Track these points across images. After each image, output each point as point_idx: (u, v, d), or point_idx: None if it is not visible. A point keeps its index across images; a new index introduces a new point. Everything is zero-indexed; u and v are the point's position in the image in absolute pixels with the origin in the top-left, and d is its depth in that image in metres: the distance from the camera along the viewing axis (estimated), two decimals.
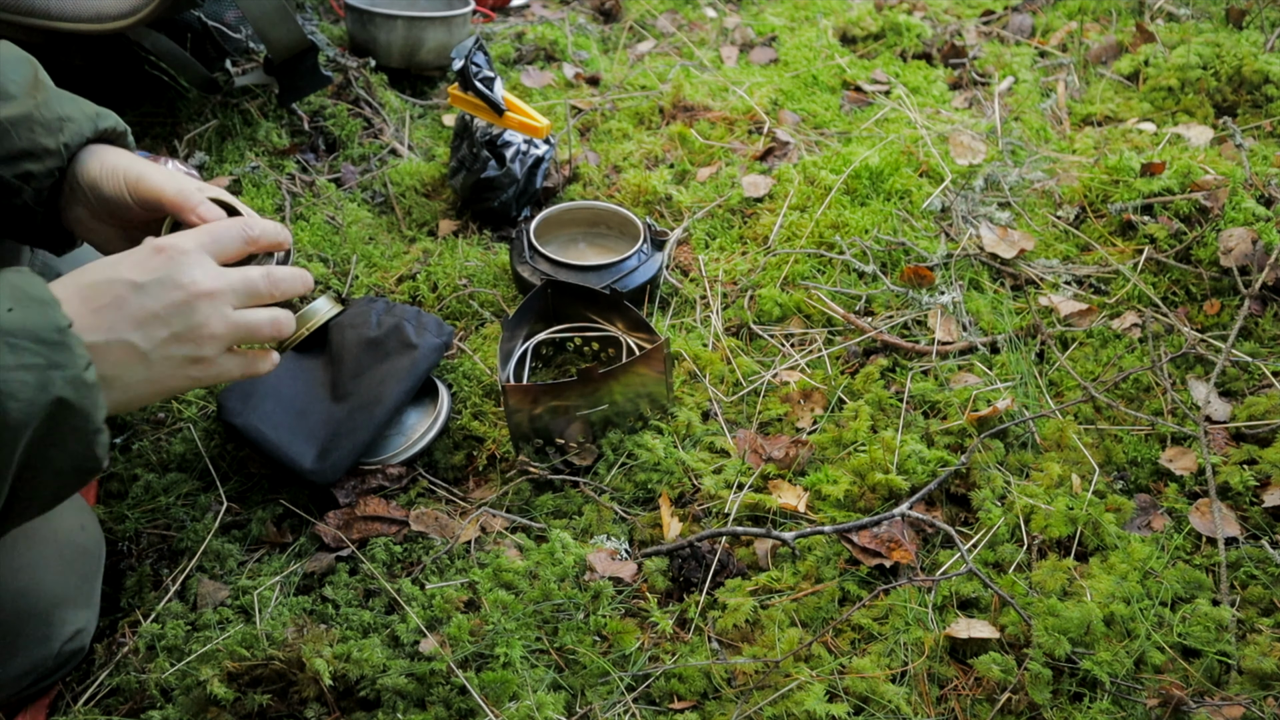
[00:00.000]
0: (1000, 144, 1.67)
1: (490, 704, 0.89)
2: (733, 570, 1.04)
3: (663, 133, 1.82)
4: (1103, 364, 1.27)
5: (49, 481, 0.63)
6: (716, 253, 1.52)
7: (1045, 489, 1.11)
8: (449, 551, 1.07)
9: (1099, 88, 1.87)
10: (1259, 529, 1.06)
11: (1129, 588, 0.98)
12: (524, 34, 2.19)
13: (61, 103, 0.87)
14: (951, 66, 2.03)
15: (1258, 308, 1.29)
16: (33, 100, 0.85)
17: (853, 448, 1.17)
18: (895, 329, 1.34)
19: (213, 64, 1.62)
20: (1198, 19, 2.00)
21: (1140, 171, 1.47)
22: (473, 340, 1.37)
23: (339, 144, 1.74)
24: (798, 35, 2.19)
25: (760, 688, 0.92)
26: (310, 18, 2.04)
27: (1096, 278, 1.39)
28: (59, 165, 0.85)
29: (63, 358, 0.61)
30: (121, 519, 1.11)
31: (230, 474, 1.17)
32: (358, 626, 0.98)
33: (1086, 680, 0.92)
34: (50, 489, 0.64)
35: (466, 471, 1.20)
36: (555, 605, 0.98)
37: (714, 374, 1.29)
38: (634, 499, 1.13)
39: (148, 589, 1.05)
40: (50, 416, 0.60)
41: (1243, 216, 1.34)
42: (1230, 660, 0.93)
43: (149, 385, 0.70)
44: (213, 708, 0.90)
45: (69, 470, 0.64)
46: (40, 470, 0.61)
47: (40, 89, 0.86)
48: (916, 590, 1.00)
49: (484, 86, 1.51)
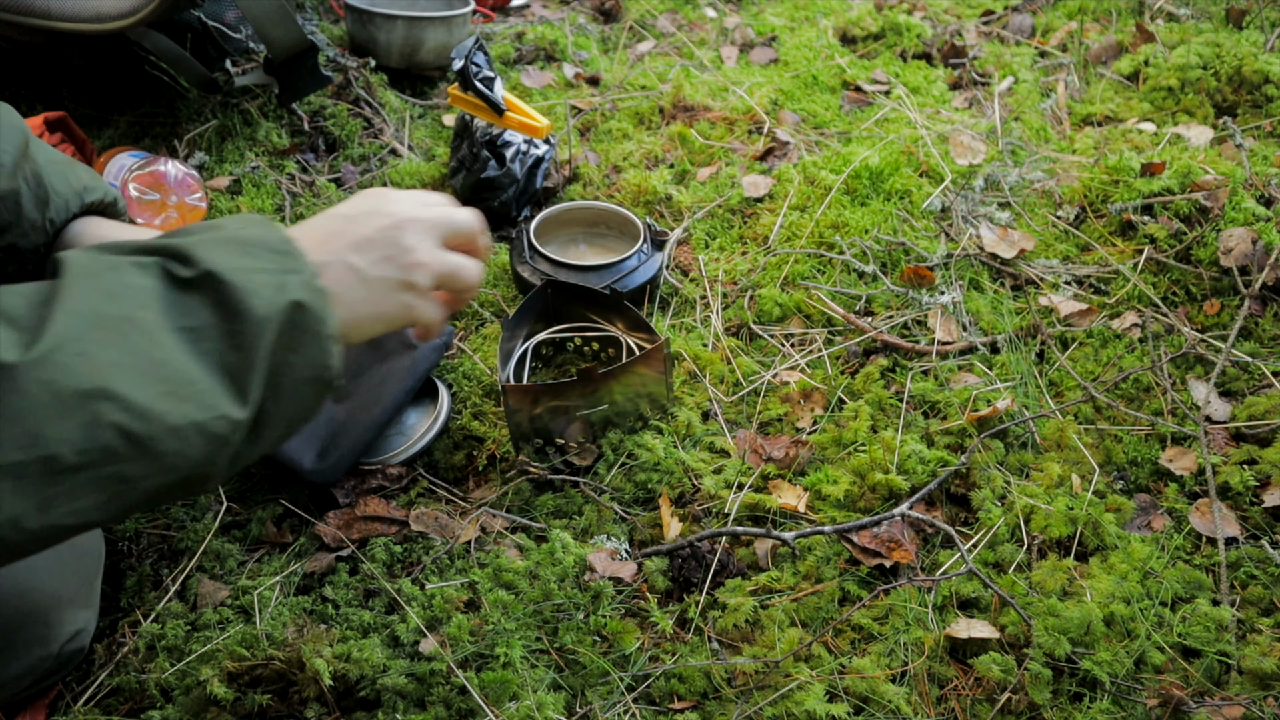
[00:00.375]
0: (1000, 144, 1.67)
1: (490, 704, 0.89)
2: (733, 570, 1.04)
3: (663, 133, 1.82)
4: (1103, 364, 1.27)
5: (292, 391, 0.64)
6: (716, 253, 1.52)
7: (1045, 489, 1.11)
8: (449, 551, 1.07)
9: (1099, 88, 1.87)
10: (1259, 529, 1.06)
11: (1129, 588, 0.98)
12: (524, 34, 2.19)
13: (51, 175, 0.87)
14: (951, 66, 2.03)
15: (1258, 308, 1.29)
16: (21, 174, 0.85)
17: (853, 448, 1.17)
18: (895, 329, 1.34)
19: (213, 64, 1.62)
20: (1198, 19, 2.00)
21: (1140, 171, 1.47)
22: (473, 340, 1.37)
23: (339, 144, 1.74)
24: (798, 35, 2.20)
25: (760, 688, 0.92)
26: (310, 18, 2.04)
27: (1096, 278, 1.39)
28: (44, 240, 0.85)
29: (293, 265, 0.65)
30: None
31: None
32: (358, 626, 0.98)
33: (1086, 680, 0.92)
34: (293, 401, 0.65)
35: (466, 471, 1.20)
36: (555, 605, 0.98)
37: (714, 374, 1.29)
38: (634, 499, 1.13)
39: (148, 589, 1.05)
40: (288, 319, 0.63)
41: (1243, 216, 1.34)
42: (1230, 660, 0.93)
43: (368, 305, 0.73)
44: (213, 708, 0.90)
45: (308, 380, 0.65)
46: (284, 378, 0.63)
47: (29, 160, 0.86)
48: (916, 590, 1.00)
49: (484, 86, 1.51)
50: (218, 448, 0.61)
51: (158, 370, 0.58)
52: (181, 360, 0.59)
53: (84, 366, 0.56)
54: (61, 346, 0.55)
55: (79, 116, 1.65)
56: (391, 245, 0.74)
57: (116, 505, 0.58)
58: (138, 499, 0.58)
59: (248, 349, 0.61)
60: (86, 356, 0.56)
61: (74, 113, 1.57)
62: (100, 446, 0.56)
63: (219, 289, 0.61)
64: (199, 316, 0.60)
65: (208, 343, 0.60)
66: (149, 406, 0.57)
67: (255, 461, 0.65)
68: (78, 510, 0.56)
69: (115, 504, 0.58)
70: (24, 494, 0.54)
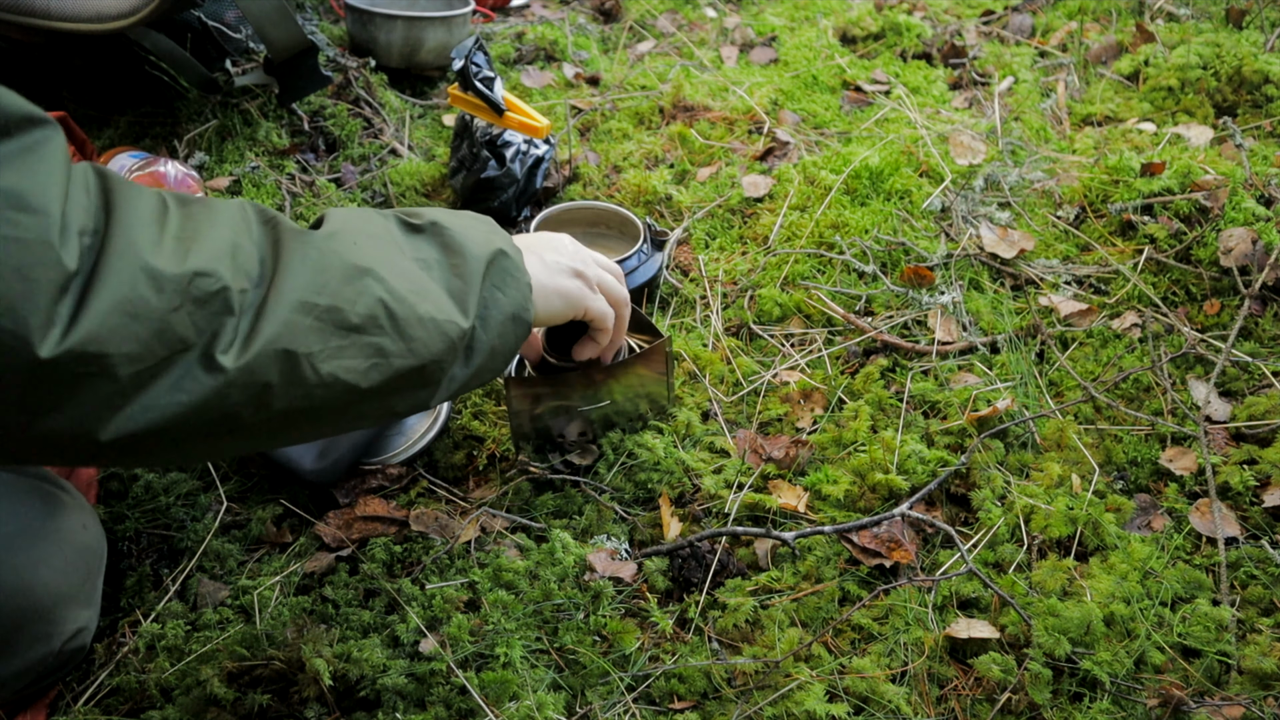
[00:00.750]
0: (1000, 144, 1.67)
1: (490, 704, 0.90)
2: (733, 570, 1.04)
3: (663, 133, 1.82)
4: (1103, 364, 1.27)
5: (498, 324, 0.78)
6: (716, 253, 1.52)
7: (1045, 489, 1.11)
8: (449, 551, 1.07)
9: (1099, 88, 1.87)
10: (1259, 529, 1.06)
11: (1129, 588, 0.98)
12: (524, 34, 2.19)
13: None
14: (951, 66, 2.03)
15: (1258, 308, 1.29)
16: None
17: (853, 448, 1.17)
18: (895, 329, 1.34)
19: (213, 64, 1.62)
20: (1198, 19, 2.00)
21: (1140, 171, 1.47)
22: None
23: (339, 144, 1.74)
24: (798, 35, 2.20)
25: (760, 688, 0.92)
26: (310, 18, 2.04)
27: (1096, 278, 1.39)
28: None
29: (496, 229, 0.82)
30: (121, 519, 1.11)
31: (230, 474, 1.17)
32: (358, 626, 0.98)
33: (1086, 680, 0.92)
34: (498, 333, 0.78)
35: (466, 471, 1.20)
36: (555, 605, 0.98)
37: (714, 374, 1.29)
38: (634, 499, 1.13)
39: (148, 589, 1.05)
40: (495, 261, 0.78)
41: (1243, 216, 1.34)
42: (1230, 660, 0.93)
43: (551, 279, 0.89)
44: (213, 708, 0.90)
45: (510, 316, 0.79)
46: (491, 309, 0.78)
47: None
48: (916, 590, 1.00)
49: (484, 86, 1.51)
50: (448, 349, 0.73)
51: (406, 274, 0.72)
52: (421, 276, 0.73)
53: (356, 252, 0.69)
54: (339, 233, 0.70)
55: (79, 116, 1.65)
56: (561, 250, 0.93)
57: (375, 375, 0.69)
58: (389, 377, 0.70)
59: (466, 278, 0.75)
60: (359, 246, 0.70)
61: (74, 113, 1.57)
62: (369, 313, 0.68)
63: (443, 233, 0.77)
64: (428, 253, 0.75)
65: (436, 271, 0.75)
66: (403, 294, 0.70)
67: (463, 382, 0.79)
68: (350, 368, 0.67)
69: (374, 374, 0.69)
70: (320, 335, 0.65)
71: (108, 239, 0.57)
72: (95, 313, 0.55)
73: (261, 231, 0.66)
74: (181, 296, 0.59)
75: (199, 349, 0.60)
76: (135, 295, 0.57)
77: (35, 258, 0.53)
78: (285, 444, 0.73)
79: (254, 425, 0.66)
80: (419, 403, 0.75)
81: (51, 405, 0.56)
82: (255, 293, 0.63)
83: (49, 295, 0.53)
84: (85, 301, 0.55)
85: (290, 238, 0.66)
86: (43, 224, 0.53)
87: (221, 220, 0.64)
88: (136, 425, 0.59)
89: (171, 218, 0.62)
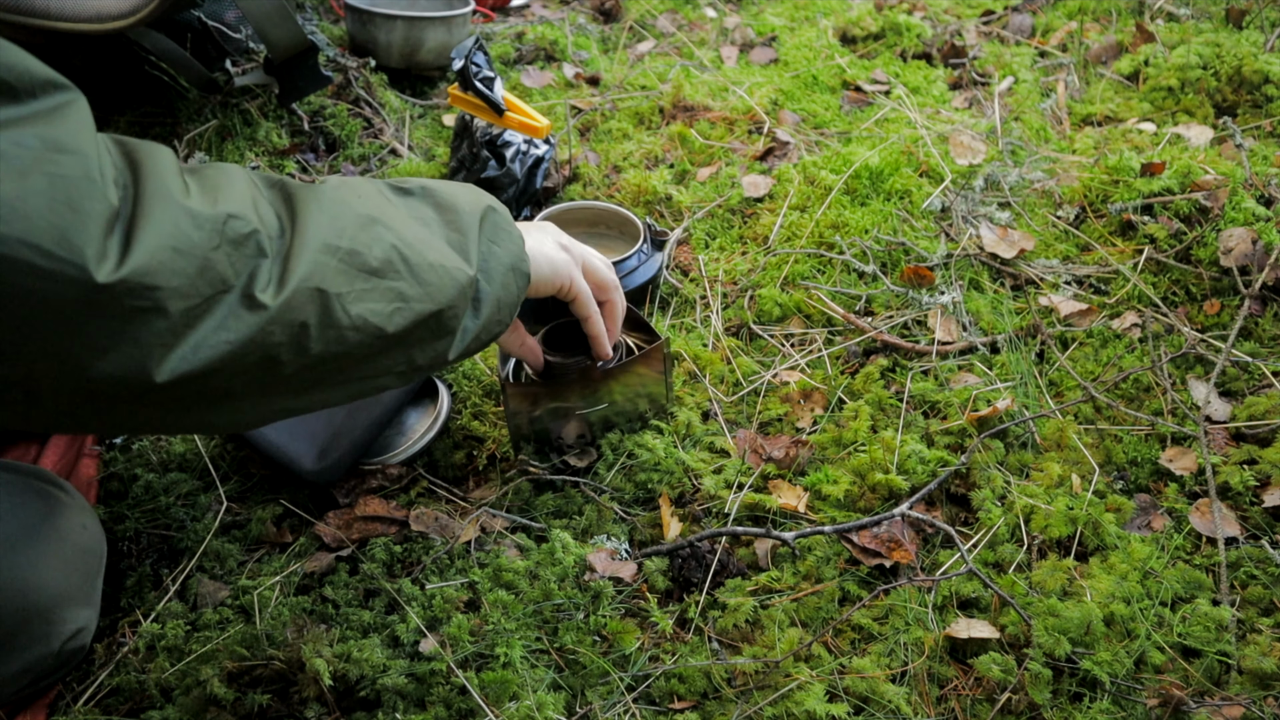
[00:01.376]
0: (1000, 144, 1.67)
1: (490, 704, 0.90)
2: (733, 570, 1.04)
3: (663, 133, 1.82)
4: (1103, 364, 1.27)
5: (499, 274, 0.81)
6: (716, 253, 1.52)
7: (1045, 489, 1.11)
8: (449, 551, 1.07)
9: (1099, 88, 1.87)
10: (1259, 529, 1.06)
11: (1129, 588, 0.98)
12: (524, 34, 2.19)
13: None
14: (951, 66, 2.03)
15: (1258, 308, 1.29)
16: None
17: (853, 448, 1.17)
18: (895, 329, 1.34)
19: (213, 64, 1.62)
20: (1198, 19, 2.00)
21: (1140, 171, 1.47)
22: None
23: (339, 144, 1.74)
24: (798, 35, 2.19)
25: (760, 688, 0.92)
26: (310, 18, 2.04)
27: (1096, 278, 1.39)
28: None
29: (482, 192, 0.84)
30: (121, 519, 1.11)
31: (230, 474, 1.17)
32: (358, 626, 0.98)
33: (1086, 680, 0.92)
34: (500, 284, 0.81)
35: (466, 471, 1.20)
36: (555, 605, 0.98)
37: (714, 374, 1.29)
38: (634, 499, 1.13)
39: (148, 589, 1.05)
40: (488, 218, 0.81)
41: (1243, 216, 1.34)
42: (1230, 660, 0.93)
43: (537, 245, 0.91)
44: (213, 708, 0.90)
45: (510, 267, 0.82)
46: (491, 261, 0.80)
47: None
48: (916, 590, 1.00)
49: (484, 86, 1.51)
50: (459, 295, 0.75)
51: (409, 225, 0.75)
52: (421, 229, 0.75)
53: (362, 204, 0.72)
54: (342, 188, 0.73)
55: None
56: (546, 229, 0.96)
57: (398, 319, 0.72)
58: (410, 321, 0.72)
59: (464, 230, 0.78)
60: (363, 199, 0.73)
61: None
62: (386, 258, 0.70)
63: (433, 194, 0.79)
64: (423, 211, 0.78)
65: (434, 227, 0.77)
66: (412, 241, 0.73)
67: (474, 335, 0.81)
68: (375, 311, 0.70)
69: (397, 318, 0.71)
70: (346, 277, 0.68)
71: (140, 187, 0.60)
72: (144, 247, 0.57)
73: (270, 192, 0.69)
74: (219, 236, 0.61)
75: (239, 288, 0.62)
76: (178, 231, 0.59)
77: (82, 192, 0.55)
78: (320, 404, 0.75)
79: (293, 376, 0.68)
80: (438, 355, 0.77)
81: (109, 342, 0.58)
82: (280, 241, 0.66)
83: (100, 227, 0.56)
84: (132, 236, 0.57)
85: (301, 190, 0.69)
86: (84, 163, 0.56)
87: (235, 176, 0.67)
88: (189, 366, 0.61)
89: (189, 174, 0.64)
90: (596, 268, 1.00)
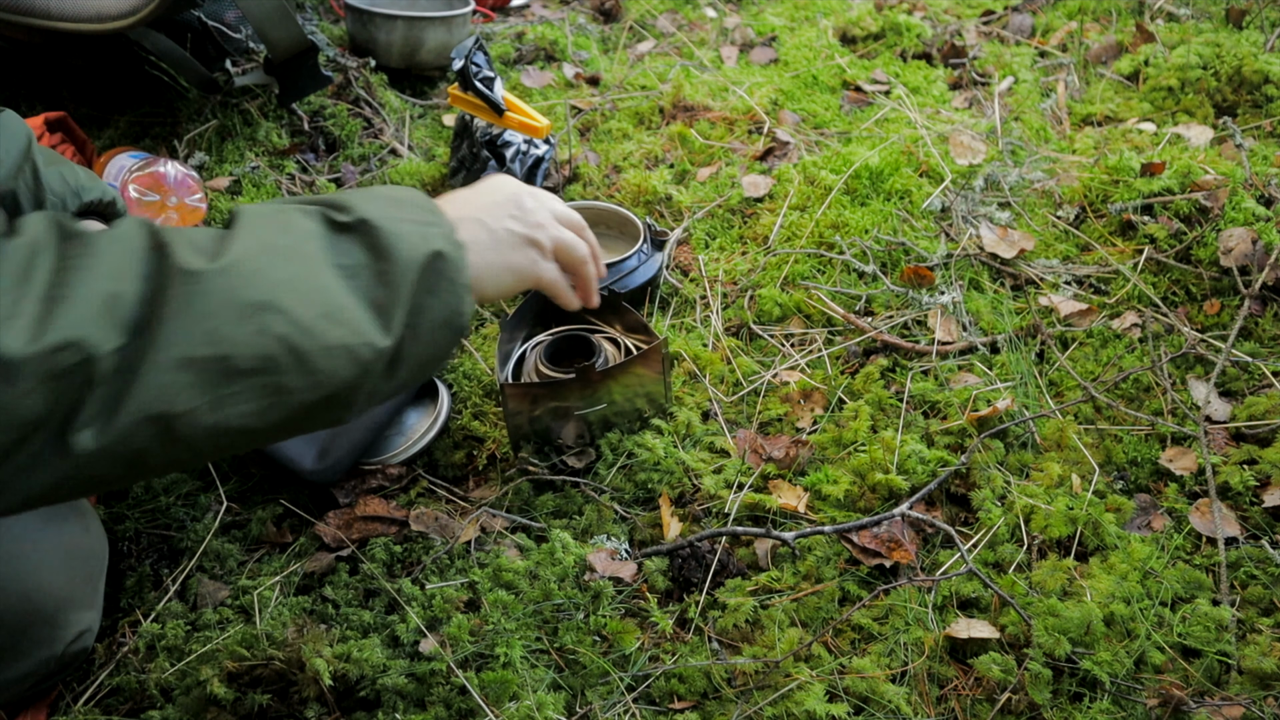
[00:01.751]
0: (1000, 144, 1.67)
1: (490, 704, 0.90)
2: (733, 570, 1.04)
3: (663, 133, 1.82)
4: (1103, 364, 1.27)
5: (428, 332, 0.71)
6: (716, 253, 1.52)
7: (1045, 489, 1.11)
8: (449, 551, 1.07)
9: (1099, 88, 1.87)
10: (1259, 529, 1.06)
11: (1129, 588, 0.98)
12: (524, 34, 2.19)
13: (48, 176, 0.90)
14: (951, 66, 2.03)
15: (1258, 308, 1.29)
16: (21, 176, 0.88)
17: (853, 448, 1.17)
18: (895, 329, 1.34)
19: (213, 64, 1.62)
20: (1198, 19, 2.00)
21: (1140, 171, 1.47)
22: (473, 340, 1.37)
23: (339, 144, 1.74)
24: (798, 35, 2.19)
25: (760, 688, 0.92)
26: (310, 18, 2.04)
27: (1096, 278, 1.39)
28: None
29: (436, 219, 0.72)
30: (121, 519, 1.11)
31: (230, 474, 1.17)
32: (358, 626, 0.98)
33: (1086, 680, 0.92)
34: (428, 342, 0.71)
35: (466, 471, 1.20)
36: (555, 605, 0.98)
37: (714, 374, 1.29)
38: (634, 499, 1.13)
39: (148, 589, 1.05)
40: (429, 265, 0.70)
41: (1243, 216, 1.34)
42: (1230, 660, 0.93)
43: (498, 255, 0.82)
44: (213, 708, 0.90)
45: (443, 323, 0.72)
46: (421, 318, 0.70)
47: (29, 161, 0.89)
48: (916, 590, 1.00)
49: (484, 86, 1.51)
50: (361, 373, 0.67)
51: (318, 295, 0.64)
52: (337, 291, 0.66)
53: (258, 281, 0.62)
54: (240, 263, 0.62)
55: (79, 116, 1.65)
56: (516, 207, 0.84)
57: (274, 414, 0.63)
58: (291, 412, 0.64)
59: (393, 286, 0.68)
60: (261, 274, 0.62)
61: (74, 113, 1.57)
62: (267, 354, 0.61)
63: (371, 233, 0.68)
64: (353, 256, 0.67)
65: (360, 279, 0.67)
66: (309, 325, 0.63)
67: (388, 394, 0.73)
68: (243, 414, 0.62)
69: (273, 413, 0.63)
70: (202, 389, 0.59)
71: None
72: None
73: (147, 266, 0.59)
74: (35, 379, 0.53)
75: (53, 427, 0.55)
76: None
77: None
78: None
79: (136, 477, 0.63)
80: (332, 422, 0.70)
81: None
82: (130, 346, 0.57)
83: None
84: None
85: (176, 281, 0.59)
86: None
87: (102, 264, 0.58)
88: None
89: (40, 270, 0.55)
90: (570, 246, 0.88)
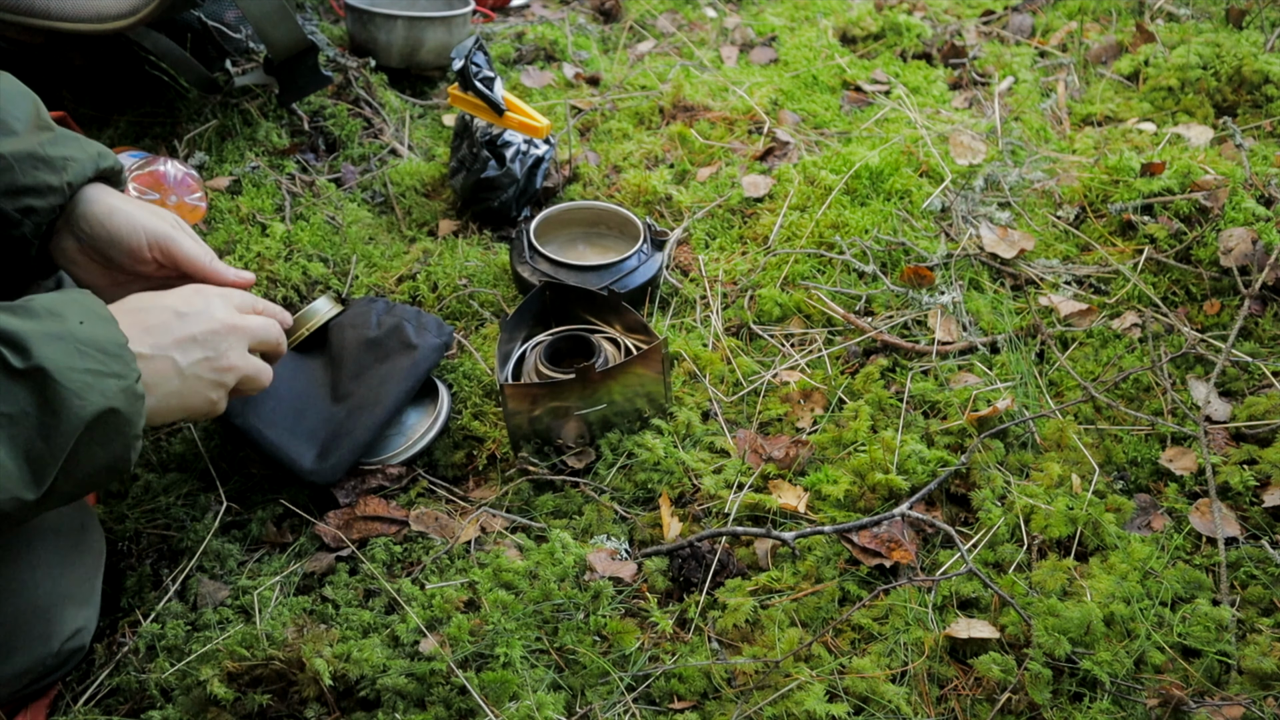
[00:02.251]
0: (1000, 144, 1.67)
1: (490, 704, 0.90)
2: (733, 570, 1.04)
3: (663, 133, 1.82)
4: (1103, 364, 1.27)
5: (86, 475, 0.71)
6: (716, 253, 1.52)
7: (1045, 489, 1.11)
8: (449, 551, 1.07)
9: (1099, 88, 1.87)
10: (1259, 529, 1.06)
11: (1129, 588, 0.98)
12: (524, 34, 2.19)
13: (65, 142, 0.92)
14: (951, 66, 2.03)
15: (1258, 308, 1.29)
16: (36, 138, 0.90)
17: (853, 448, 1.17)
18: (895, 329, 1.34)
19: (213, 64, 1.62)
20: (1198, 19, 2.00)
21: (1140, 171, 1.47)
22: (473, 340, 1.37)
23: (339, 144, 1.74)
24: (798, 35, 2.20)
25: (760, 688, 0.92)
26: (310, 18, 2.04)
27: (1096, 278, 1.39)
28: (61, 202, 0.91)
29: (120, 368, 0.72)
30: (121, 519, 1.11)
31: (230, 474, 1.17)
32: (358, 626, 0.98)
33: (1086, 680, 0.92)
34: (85, 483, 0.72)
35: (466, 471, 1.20)
36: (555, 605, 0.98)
37: (714, 374, 1.29)
38: (634, 499, 1.13)
39: (148, 589, 1.05)
40: (100, 420, 0.70)
41: (1243, 216, 1.34)
42: (1230, 660, 0.93)
43: (179, 399, 0.83)
44: (213, 708, 0.90)
45: (103, 468, 0.72)
46: (82, 465, 0.70)
47: (43, 126, 0.92)
48: (916, 590, 1.00)
49: (484, 86, 1.51)
50: (2, 516, 0.67)
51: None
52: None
53: None
54: None
55: (79, 116, 1.65)
56: (211, 348, 0.85)
57: None
58: None
59: (55, 443, 0.67)
60: None
61: (74, 113, 1.57)
62: None
63: (46, 386, 0.67)
64: (19, 404, 0.66)
65: (20, 429, 0.66)
66: None
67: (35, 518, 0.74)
68: None
69: None
70: None
71: None
72: None
73: None
74: None
75: None
76: None
77: None
78: None
79: None
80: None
81: None
82: None
83: None
84: None
85: None
86: None
87: None
88: None
89: None
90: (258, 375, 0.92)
